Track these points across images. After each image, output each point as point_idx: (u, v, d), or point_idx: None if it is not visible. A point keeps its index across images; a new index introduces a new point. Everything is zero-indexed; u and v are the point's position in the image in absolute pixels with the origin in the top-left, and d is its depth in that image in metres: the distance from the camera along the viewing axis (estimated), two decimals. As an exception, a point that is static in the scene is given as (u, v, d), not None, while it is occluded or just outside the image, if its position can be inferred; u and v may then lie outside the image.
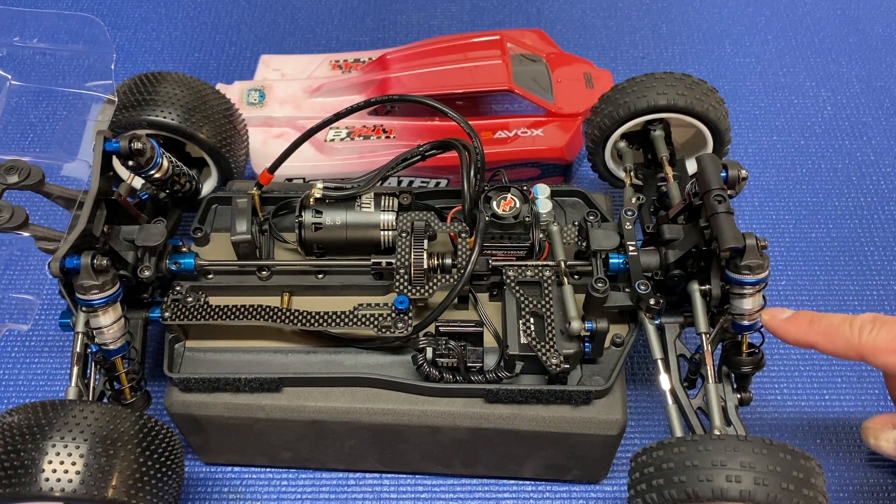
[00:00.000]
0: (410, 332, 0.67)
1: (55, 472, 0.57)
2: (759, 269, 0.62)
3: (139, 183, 0.77)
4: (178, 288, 0.71)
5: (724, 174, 0.66)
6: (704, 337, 0.67)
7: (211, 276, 0.73)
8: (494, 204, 0.72)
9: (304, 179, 0.91)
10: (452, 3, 1.22)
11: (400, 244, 0.70)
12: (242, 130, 0.87)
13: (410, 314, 0.68)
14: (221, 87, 0.93)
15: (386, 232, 0.73)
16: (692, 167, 0.73)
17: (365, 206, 0.73)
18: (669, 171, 0.78)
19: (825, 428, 0.81)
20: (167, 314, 0.69)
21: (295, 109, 0.94)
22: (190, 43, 1.17)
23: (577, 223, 0.73)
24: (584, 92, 0.94)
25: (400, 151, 0.75)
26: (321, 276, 0.73)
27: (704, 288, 0.68)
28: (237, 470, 0.78)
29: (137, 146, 0.68)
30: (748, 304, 0.64)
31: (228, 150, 0.83)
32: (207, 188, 0.86)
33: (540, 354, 0.65)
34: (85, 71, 0.80)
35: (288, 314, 0.69)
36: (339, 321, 0.68)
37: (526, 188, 0.73)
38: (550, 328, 0.66)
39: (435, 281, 0.69)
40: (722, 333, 0.68)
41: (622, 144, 0.85)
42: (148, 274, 0.68)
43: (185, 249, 0.73)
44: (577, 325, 0.64)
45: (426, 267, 0.69)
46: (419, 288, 0.69)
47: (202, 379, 0.68)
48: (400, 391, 0.69)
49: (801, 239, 0.96)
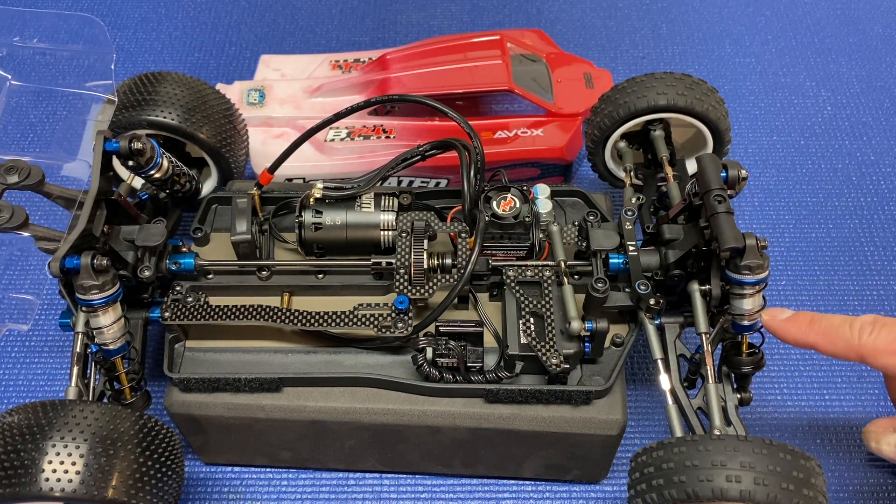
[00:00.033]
0: (410, 332, 0.67)
1: (55, 472, 0.57)
2: (759, 269, 0.62)
3: (139, 183, 0.77)
4: (178, 288, 0.71)
5: (724, 174, 0.66)
6: (704, 337, 0.67)
7: (211, 276, 0.73)
8: (494, 204, 0.72)
9: (304, 179, 0.91)
10: (452, 3, 1.22)
11: (400, 244, 0.70)
12: (242, 130, 0.87)
13: (410, 314, 0.68)
14: (221, 87, 0.93)
15: (386, 232, 0.73)
16: (692, 167, 0.73)
17: (365, 206, 0.73)
18: (669, 171, 0.78)
19: (825, 428, 0.81)
20: (167, 314, 0.69)
21: (295, 109, 0.94)
22: (190, 43, 1.17)
23: (577, 223, 0.73)
24: (584, 92, 0.94)
25: (400, 151, 0.75)
26: (321, 276, 0.73)
27: (704, 288, 0.68)
28: (237, 470, 0.78)
29: (137, 146, 0.68)
30: (748, 304, 0.64)
31: (228, 150, 0.83)
32: (207, 188, 0.86)
33: (540, 354, 0.65)
34: (85, 71, 0.79)
35: (288, 314, 0.69)
36: (339, 321, 0.68)
37: (526, 188, 0.73)
38: (550, 328, 0.66)
39: (435, 281, 0.69)
40: (722, 333, 0.68)
41: (622, 144, 0.85)
42: (148, 274, 0.68)
43: (185, 249, 0.73)
44: (577, 325, 0.64)
45: (426, 267, 0.69)
46: (419, 288, 0.68)
47: (202, 379, 0.68)
48: (400, 391, 0.69)
49: (801, 239, 0.96)
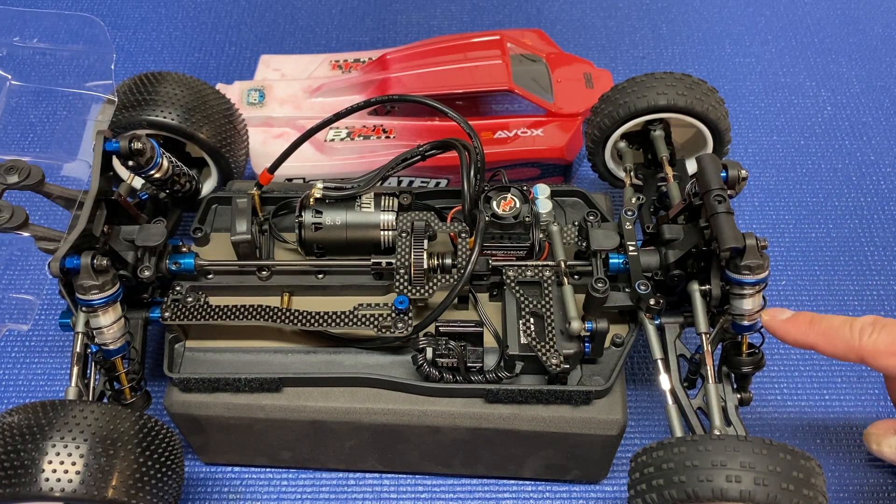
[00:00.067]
0: (410, 332, 0.67)
1: (55, 472, 0.57)
2: (759, 269, 0.62)
3: (139, 183, 0.77)
4: (178, 288, 0.71)
5: (724, 174, 0.66)
6: (704, 337, 0.67)
7: (211, 276, 0.73)
8: (494, 204, 0.72)
9: (304, 179, 0.91)
10: (452, 3, 1.22)
11: (400, 244, 0.70)
12: (242, 130, 0.87)
13: (410, 314, 0.68)
14: (221, 87, 0.93)
15: (386, 232, 0.73)
16: (692, 167, 0.73)
17: (365, 206, 0.73)
18: (669, 171, 0.78)
19: (825, 428, 0.81)
20: (167, 314, 0.69)
21: (295, 109, 0.94)
22: (190, 43, 1.17)
23: (577, 223, 0.73)
24: (584, 92, 0.94)
25: (400, 151, 0.75)
26: (321, 276, 0.73)
27: (704, 288, 0.68)
28: (237, 470, 0.78)
29: (137, 146, 0.68)
30: (748, 304, 0.64)
31: (228, 150, 0.83)
32: (207, 188, 0.86)
33: (540, 354, 0.65)
34: (85, 71, 0.79)
35: (288, 314, 0.69)
36: (339, 321, 0.68)
37: (526, 188, 0.73)
38: (550, 328, 0.66)
39: (435, 281, 0.69)
40: (722, 333, 0.68)
41: (622, 144, 0.85)
42: (148, 274, 0.68)
43: (185, 249, 0.73)
44: (577, 325, 0.64)
45: (426, 267, 0.69)
46: (419, 288, 0.68)
47: (202, 379, 0.68)
48: (400, 391, 0.69)
49: (801, 239, 0.96)
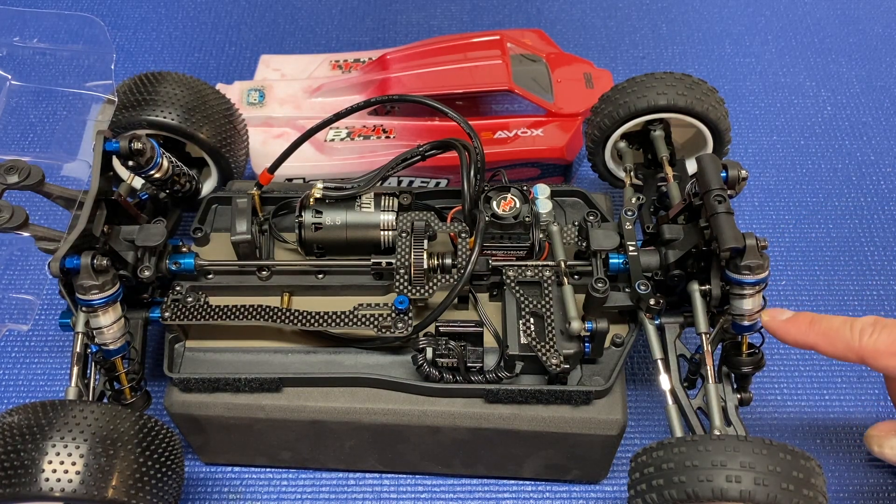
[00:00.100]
0: (410, 332, 0.67)
1: (55, 472, 0.57)
2: (759, 269, 0.62)
3: (139, 183, 0.77)
4: (178, 288, 0.71)
5: (724, 174, 0.66)
6: (704, 337, 0.67)
7: (211, 276, 0.73)
8: (494, 204, 0.72)
9: (304, 179, 0.91)
10: (452, 3, 1.22)
11: (400, 244, 0.70)
12: (242, 130, 0.87)
13: (410, 314, 0.68)
14: (221, 87, 0.93)
15: (386, 232, 0.73)
16: (692, 167, 0.73)
17: (365, 206, 0.73)
18: (669, 171, 0.78)
19: (825, 428, 0.81)
20: (167, 314, 0.69)
21: (295, 109, 0.94)
22: (190, 43, 1.17)
23: (577, 223, 0.73)
24: (584, 92, 0.94)
25: (400, 151, 0.75)
26: (321, 276, 0.73)
27: (704, 288, 0.68)
28: (237, 470, 0.78)
29: (137, 146, 0.68)
30: (748, 304, 0.64)
31: (228, 150, 0.83)
32: (207, 188, 0.86)
33: (540, 354, 0.65)
34: (85, 71, 0.79)
35: (288, 314, 0.69)
36: (339, 321, 0.68)
37: (526, 188, 0.73)
38: (550, 328, 0.66)
39: (435, 281, 0.69)
40: (722, 333, 0.68)
41: (622, 144, 0.85)
42: (148, 274, 0.68)
43: (185, 249, 0.73)
44: (577, 325, 0.64)
45: (426, 267, 0.69)
46: (419, 288, 0.68)
47: (202, 379, 0.68)
48: (400, 391, 0.69)
49: (801, 239, 0.96)
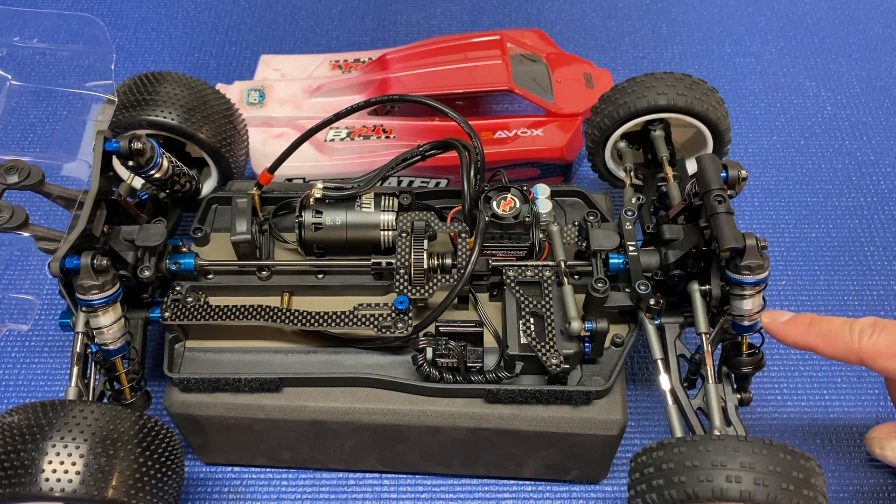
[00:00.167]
0: (410, 332, 0.67)
1: (55, 472, 0.57)
2: (759, 269, 0.62)
3: (139, 183, 0.77)
4: (178, 288, 0.71)
5: (724, 174, 0.66)
6: (704, 337, 0.67)
7: (211, 276, 0.73)
8: (494, 204, 0.72)
9: (304, 179, 0.91)
10: (452, 3, 1.22)
11: (400, 244, 0.70)
12: (242, 130, 0.87)
13: (410, 314, 0.68)
14: (221, 87, 0.93)
15: (386, 232, 0.73)
16: (692, 167, 0.73)
17: (365, 206, 0.73)
18: (669, 171, 0.78)
19: (825, 428, 0.81)
20: (167, 314, 0.69)
21: (295, 109, 0.94)
22: (190, 43, 1.17)
23: (577, 223, 0.73)
24: (584, 92, 0.94)
25: (400, 151, 0.75)
26: (321, 276, 0.73)
27: (704, 288, 0.68)
28: (237, 470, 0.78)
29: (137, 146, 0.68)
30: (748, 304, 0.64)
31: (228, 150, 0.83)
32: (207, 188, 0.86)
33: (540, 354, 0.65)
34: (85, 71, 0.79)
35: (288, 314, 0.69)
36: (339, 321, 0.68)
37: (526, 188, 0.73)
38: (550, 328, 0.66)
39: (435, 281, 0.69)
40: (722, 334, 0.68)
41: (622, 144, 0.85)
42: (148, 274, 0.68)
43: (185, 249, 0.73)
44: (577, 325, 0.64)
45: (426, 267, 0.69)
46: (419, 288, 0.68)
47: (202, 379, 0.68)
48: (400, 391, 0.69)
49: (801, 239, 0.96)
